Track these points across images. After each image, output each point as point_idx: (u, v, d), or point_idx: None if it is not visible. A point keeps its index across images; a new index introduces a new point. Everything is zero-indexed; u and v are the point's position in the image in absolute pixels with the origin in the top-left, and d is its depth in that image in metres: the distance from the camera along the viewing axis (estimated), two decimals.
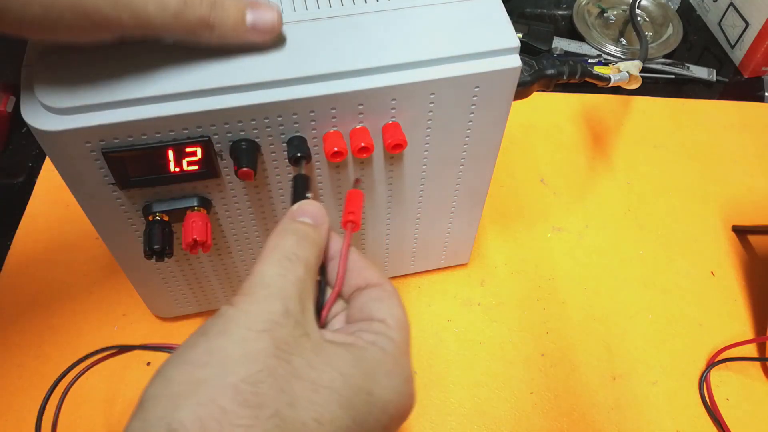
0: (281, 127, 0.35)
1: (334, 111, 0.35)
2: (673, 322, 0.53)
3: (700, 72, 0.71)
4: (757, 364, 0.51)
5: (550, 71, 0.43)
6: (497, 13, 0.37)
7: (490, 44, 0.35)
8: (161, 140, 0.33)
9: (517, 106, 0.41)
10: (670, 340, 0.52)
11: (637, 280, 0.55)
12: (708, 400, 0.49)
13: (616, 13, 0.76)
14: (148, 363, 0.49)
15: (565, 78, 0.44)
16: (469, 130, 0.39)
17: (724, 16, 0.73)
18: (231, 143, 0.35)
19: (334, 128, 0.36)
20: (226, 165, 0.36)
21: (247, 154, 0.35)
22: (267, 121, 0.34)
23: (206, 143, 0.34)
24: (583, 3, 0.75)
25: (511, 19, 0.37)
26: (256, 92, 0.33)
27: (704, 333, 0.53)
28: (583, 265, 0.56)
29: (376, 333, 0.27)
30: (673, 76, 0.71)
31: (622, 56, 0.71)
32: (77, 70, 0.32)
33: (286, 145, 0.36)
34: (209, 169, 0.36)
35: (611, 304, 0.54)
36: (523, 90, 0.42)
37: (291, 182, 0.33)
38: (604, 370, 0.50)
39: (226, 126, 0.34)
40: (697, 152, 0.65)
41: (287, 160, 0.36)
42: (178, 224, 0.38)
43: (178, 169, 0.35)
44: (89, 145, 0.33)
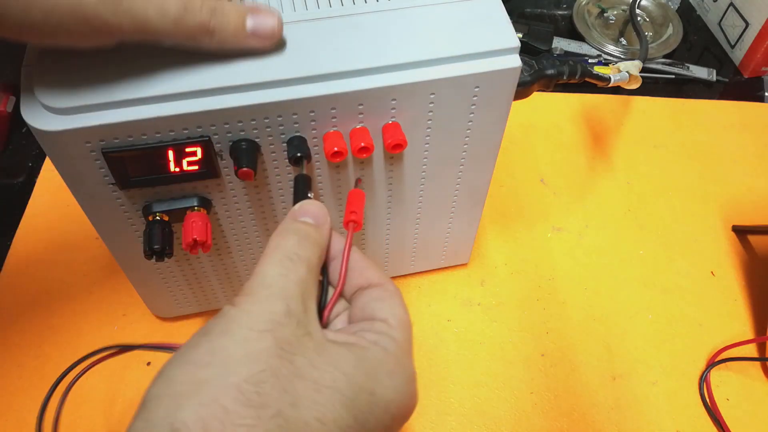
0: (281, 127, 0.35)
1: (334, 111, 0.35)
2: (673, 322, 0.53)
3: (700, 72, 0.71)
4: (757, 364, 0.51)
5: (550, 71, 0.43)
6: (497, 13, 0.37)
7: (490, 44, 0.35)
8: (161, 140, 0.33)
9: (517, 106, 0.41)
10: (670, 340, 0.52)
11: (637, 280, 0.55)
12: (708, 400, 0.49)
13: (616, 13, 0.76)
14: (148, 363, 0.49)
15: (565, 78, 0.44)
16: (469, 130, 0.39)
17: (724, 16, 0.73)
18: (231, 143, 0.35)
19: (334, 128, 0.36)
20: (226, 165, 0.36)
21: (247, 154, 0.35)
22: (267, 121, 0.34)
23: (206, 143, 0.34)
24: (583, 3, 0.75)
25: (511, 19, 0.37)
26: (256, 92, 0.33)
27: (704, 333, 0.53)
28: (583, 265, 0.56)
29: (378, 333, 0.27)
30: (673, 76, 0.71)
31: (622, 56, 0.71)
32: (77, 70, 0.32)
33: (286, 145, 0.36)
34: (209, 169, 0.36)
35: (611, 304, 0.54)
36: (523, 90, 0.42)
37: (292, 182, 0.33)
38: (604, 370, 0.50)
39: (226, 126, 0.34)
40: (697, 152, 0.65)
41: (287, 160, 0.36)
42: (178, 224, 0.38)
43: (178, 169, 0.35)
44: (89, 145, 0.33)
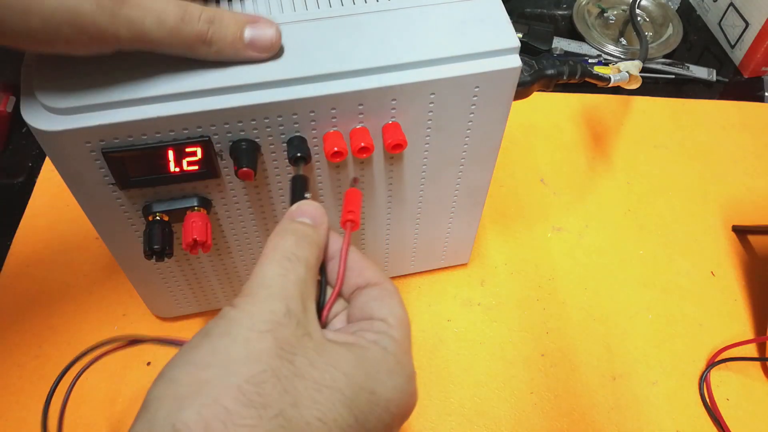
0: (281, 127, 0.35)
1: (334, 111, 0.35)
2: (673, 322, 0.53)
3: (700, 72, 0.71)
4: (757, 364, 0.51)
5: (550, 71, 0.43)
6: (497, 13, 0.37)
7: (490, 44, 0.35)
8: (161, 140, 0.33)
9: (517, 106, 0.41)
10: (670, 340, 0.52)
11: (637, 280, 0.55)
12: (708, 400, 0.49)
13: (616, 13, 0.76)
14: (149, 363, 0.49)
15: (565, 78, 0.44)
16: (469, 130, 0.39)
17: (724, 16, 0.73)
18: (231, 143, 0.35)
19: (334, 128, 0.36)
20: (226, 165, 0.36)
21: (247, 154, 0.35)
22: (267, 121, 0.34)
23: (206, 143, 0.34)
24: (583, 3, 0.75)
25: (511, 19, 0.37)
26: (256, 92, 0.33)
27: (704, 333, 0.53)
28: (583, 265, 0.56)
29: (378, 332, 0.28)
30: (673, 76, 0.71)
31: (622, 56, 0.71)
32: (77, 70, 0.32)
33: (286, 145, 0.36)
34: (209, 169, 0.36)
35: (611, 304, 0.54)
36: (523, 90, 0.42)
37: (290, 183, 0.33)
38: (604, 370, 0.50)
39: (226, 126, 0.34)
40: (697, 152, 0.65)
41: (287, 160, 0.36)
42: (178, 224, 0.38)
43: (178, 169, 0.35)
44: (89, 145, 0.33)
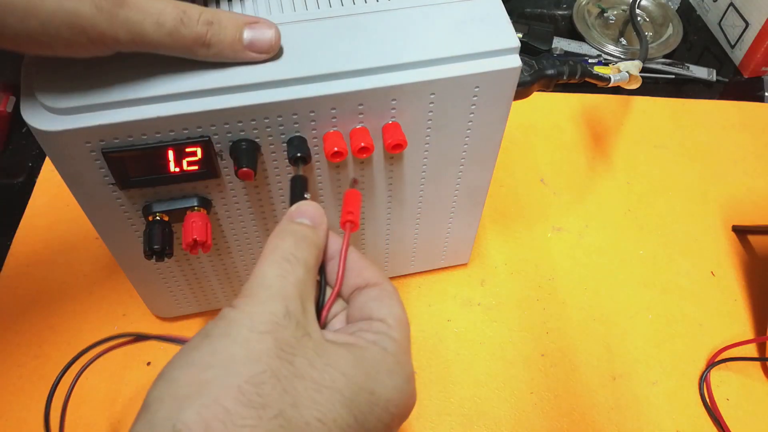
0: (281, 127, 0.35)
1: (334, 111, 0.35)
2: (673, 322, 0.53)
3: (700, 72, 0.71)
4: (757, 364, 0.51)
5: (550, 71, 0.43)
6: (497, 13, 0.37)
7: (490, 44, 0.35)
8: (161, 140, 0.33)
9: (517, 106, 0.41)
10: (670, 340, 0.52)
11: (637, 280, 0.55)
12: (708, 400, 0.49)
13: (616, 13, 0.76)
14: (148, 363, 0.49)
15: (565, 78, 0.44)
16: (469, 130, 0.39)
17: (724, 16, 0.73)
18: (231, 143, 0.35)
19: (334, 128, 0.36)
20: (226, 165, 0.36)
21: (247, 154, 0.35)
22: (267, 121, 0.34)
23: (206, 143, 0.34)
24: (583, 3, 0.75)
25: (511, 19, 0.37)
26: (256, 92, 0.33)
27: (704, 333, 0.53)
28: (583, 265, 0.56)
29: (377, 333, 0.28)
30: (673, 76, 0.71)
31: (622, 56, 0.71)
32: (77, 70, 0.32)
33: (286, 145, 0.36)
34: (209, 169, 0.36)
35: (611, 304, 0.54)
36: (523, 90, 0.42)
37: (289, 183, 0.33)
38: (604, 370, 0.50)
39: (226, 126, 0.34)
40: (697, 152, 0.65)
41: (287, 160, 0.36)
42: (178, 224, 0.38)
43: (178, 169, 0.35)
44: (89, 145, 0.33)
